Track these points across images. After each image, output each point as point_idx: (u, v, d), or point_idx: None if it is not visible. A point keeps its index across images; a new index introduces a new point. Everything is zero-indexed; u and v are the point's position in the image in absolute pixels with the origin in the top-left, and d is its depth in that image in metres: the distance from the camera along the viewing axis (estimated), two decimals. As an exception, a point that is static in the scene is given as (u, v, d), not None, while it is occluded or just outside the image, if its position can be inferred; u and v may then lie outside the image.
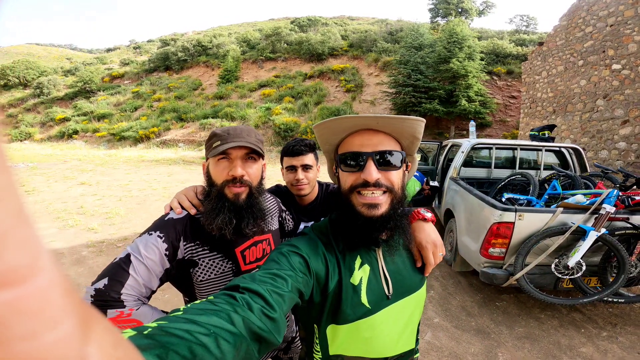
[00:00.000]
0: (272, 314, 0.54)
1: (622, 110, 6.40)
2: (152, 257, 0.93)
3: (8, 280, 0.14)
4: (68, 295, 0.17)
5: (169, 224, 1.00)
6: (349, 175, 0.76)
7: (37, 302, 0.15)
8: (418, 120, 0.74)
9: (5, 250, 0.13)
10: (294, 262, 0.69)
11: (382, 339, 0.79)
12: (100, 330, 0.20)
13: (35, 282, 0.15)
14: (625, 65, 6.32)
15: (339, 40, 26.71)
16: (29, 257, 0.14)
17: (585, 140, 7.31)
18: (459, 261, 3.53)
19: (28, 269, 0.14)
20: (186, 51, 29.77)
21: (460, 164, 4.31)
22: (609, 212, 2.50)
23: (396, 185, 0.76)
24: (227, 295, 0.54)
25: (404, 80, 17.08)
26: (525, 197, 3.60)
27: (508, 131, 16.98)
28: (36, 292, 0.15)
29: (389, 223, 0.75)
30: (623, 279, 2.53)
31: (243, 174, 1.01)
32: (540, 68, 9.05)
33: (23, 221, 0.14)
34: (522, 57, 19.23)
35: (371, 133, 0.76)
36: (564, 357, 2.47)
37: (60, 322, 0.16)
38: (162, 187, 8.45)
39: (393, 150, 0.76)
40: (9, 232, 0.14)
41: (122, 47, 49.90)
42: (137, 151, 17.31)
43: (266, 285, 0.58)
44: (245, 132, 1.03)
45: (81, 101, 25.94)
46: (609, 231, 2.56)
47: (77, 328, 0.17)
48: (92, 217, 5.80)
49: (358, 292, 0.76)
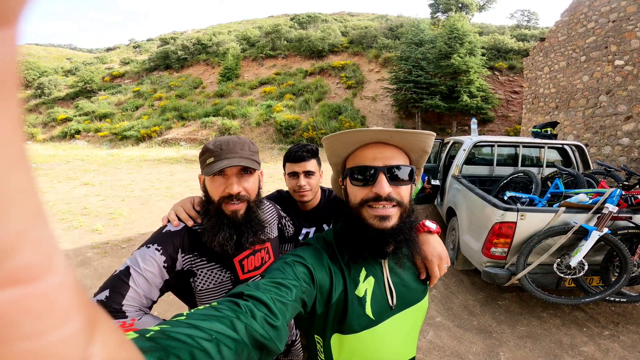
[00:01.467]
0: (275, 322, 0.54)
1: (625, 106, 6.37)
2: (151, 270, 0.94)
3: (22, 278, 0.14)
4: (77, 296, 0.17)
5: (166, 236, 1.01)
6: (360, 189, 0.76)
7: (47, 301, 0.15)
8: (429, 135, 0.76)
9: (23, 248, 0.14)
10: (299, 272, 0.69)
11: (386, 348, 0.80)
12: (105, 330, 0.20)
13: (47, 281, 0.15)
14: (628, 61, 6.29)
15: (339, 37, 26.60)
16: (44, 256, 0.15)
17: (588, 136, 7.28)
18: (461, 260, 3.54)
19: (42, 268, 0.15)
20: (186, 50, 29.74)
21: (462, 162, 4.31)
22: (611, 211, 2.50)
23: (405, 199, 0.77)
24: (231, 302, 0.54)
25: (405, 76, 17.04)
26: (527, 196, 3.60)
27: (510, 126, 16.93)
28: (47, 290, 0.15)
29: (399, 236, 0.76)
30: (625, 278, 2.53)
31: (240, 190, 1.00)
32: (542, 64, 9.00)
33: (41, 221, 0.15)
34: (524, 53, 19.13)
35: (382, 146, 0.77)
36: (566, 356, 2.48)
37: (66, 322, 0.16)
38: (164, 187, 8.48)
39: (403, 165, 0.77)
40: (27, 231, 0.14)
41: (122, 47, 49.77)
42: (139, 150, 17.34)
43: (270, 294, 0.58)
44: (238, 146, 1.01)
45: (82, 101, 25.95)
46: (612, 230, 2.56)
47: (83, 328, 0.17)
48: (96, 218, 5.84)
49: (363, 304, 0.77)
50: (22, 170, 0.14)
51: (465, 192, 3.56)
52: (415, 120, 17.55)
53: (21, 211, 0.14)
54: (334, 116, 18.37)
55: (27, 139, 12.53)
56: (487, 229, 2.81)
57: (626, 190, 2.84)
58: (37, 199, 0.15)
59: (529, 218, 2.68)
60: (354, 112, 18.68)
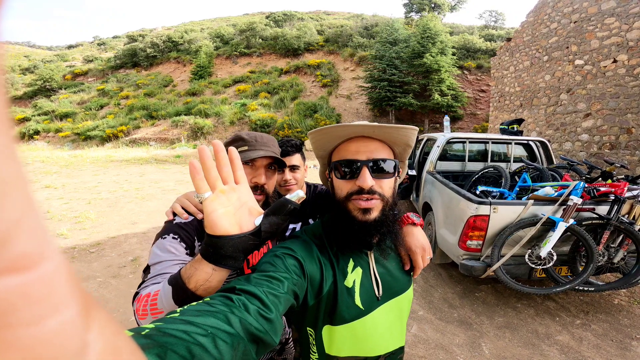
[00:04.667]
0: (268, 314, 0.54)
1: (584, 104, 6.75)
2: (177, 253, 0.92)
3: (19, 266, 0.14)
4: (71, 282, 0.17)
5: (178, 227, 0.98)
6: (345, 183, 0.77)
7: (44, 287, 0.15)
8: (412, 129, 0.76)
9: (19, 237, 0.14)
10: (289, 265, 0.69)
11: (375, 338, 0.81)
12: (100, 318, 0.20)
13: (43, 268, 0.15)
14: (588, 61, 6.66)
15: (315, 35, 26.57)
16: (39, 244, 0.15)
17: (550, 133, 7.68)
18: (438, 254, 3.62)
19: (37, 256, 0.15)
20: (155, 47, 28.66)
21: (436, 158, 4.42)
22: (576, 203, 2.64)
23: (387, 193, 0.78)
24: (224, 296, 0.54)
25: (380, 75, 17.31)
26: (498, 190, 3.74)
27: (478, 124, 17.59)
28: (44, 277, 0.15)
29: (382, 228, 0.77)
30: (592, 267, 2.66)
31: (265, 182, 1.03)
32: (508, 63, 9.40)
33: (33, 209, 0.15)
34: (491, 52, 19.97)
35: (366, 140, 0.77)
36: (543, 345, 2.58)
37: (64, 308, 0.16)
38: (134, 188, 8.10)
39: (387, 158, 0.78)
40: (22, 220, 0.14)
41: (85, 44, 47.24)
42: (104, 151, 16.46)
43: (262, 287, 0.58)
44: (271, 142, 1.05)
45: (41, 100, 24.46)
46: (577, 222, 2.69)
47: (80, 315, 0.17)
48: (60, 222, 5.47)
49: (352, 294, 0.79)
50: (12, 158, 0.14)
51: (441, 187, 3.65)
52: (389, 118, 17.87)
53: (15, 200, 0.14)
54: (309, 114, 18.35)
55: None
56: (463, 222, 2.89)
57: (589, 183, 3.01)
58: (29, 188, 0.15)
59: (501, 211, 2.78)
60: (329, 110, 18.74)
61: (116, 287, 3.43)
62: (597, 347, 2.56)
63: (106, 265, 3.95)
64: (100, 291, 3.35)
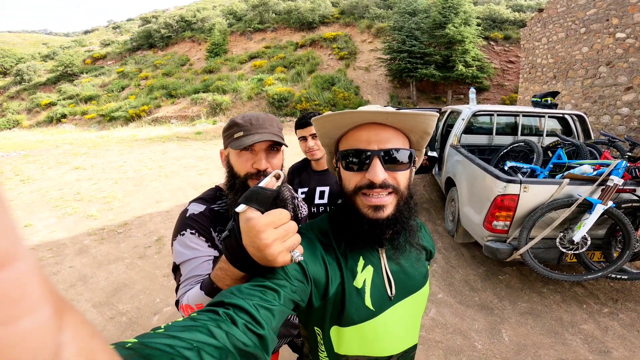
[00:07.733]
0: (258, 330, 0.50)
1: (625, 77, 6.35)
2: (200, 248, 0.95)
3: None
4: (44, 283, 0.17)
5: (193, 220, 0.99)
6: (353, 175, 0.70)
7: (18, 287, 0.15)
8: (432, 116, 0.66)
9: None
10: (289, 270, 0.64)
11: (387, 338, 0.77)
12: (75, 321, 0.20)
13: (16, 267, 0.15)
14: (630, 34, 6.24)
15: (330, 8, 25.70)
16: (10, 242, 0.15)
17: (587, 105, 7.27)
18: (461, 233, 3.51)
19: (10, 254, 0.15)
20: (169, 27, 28.58)
21: (460, 131, 4.20)
22: (617, 184, 2.44)
23: (402, 185, 0.70)
24: (210, 311, 0.51)
25: (399, 46, 16.68)
26: (528, 166, 3.52)
27: (506, 95, 16.86)
28: (17, 277, 0.15)
29: (396, 225, 0.70)
30: (628, 255, 2.47)
31: (267, 166, 0.99)
32: (540, 34, 8.89)
33: (3, 209, 0.15)
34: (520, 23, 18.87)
35: (378, 127, 0.68)
36: (566, 334, 2.47)
37: (38, 309, 0.16)
38: (157, 166, 8.32)
39: (402, 148, 0.69)
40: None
41: (101, 28, 47.54)
42: (129, 130, 16.94)
43: (253, 300, 0.54)
44: (268, 122, 1.01)
45: (65, 85, 25.06)
46: (615, 204, 2.49)
47: (53, 316, 0.17)
48: (90, 203, 5.73)
49: (362, 295, 0.73)
50: None
51: (465, 162, 3.46)
52: (410, 90, 17.35)
53: None
54: (327, 87, 18.05)
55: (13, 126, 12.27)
56: (489, 201, 2.74)
57: (631, 162, 2.77)
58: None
59: (532, 190, 2.59)
60: (347, 82, 18.31)
61: (142, 269, 3.54)
62: (622, 337, 2.42)
63: (133, 246, 4.10)
64: (129, 273, 3.47)
